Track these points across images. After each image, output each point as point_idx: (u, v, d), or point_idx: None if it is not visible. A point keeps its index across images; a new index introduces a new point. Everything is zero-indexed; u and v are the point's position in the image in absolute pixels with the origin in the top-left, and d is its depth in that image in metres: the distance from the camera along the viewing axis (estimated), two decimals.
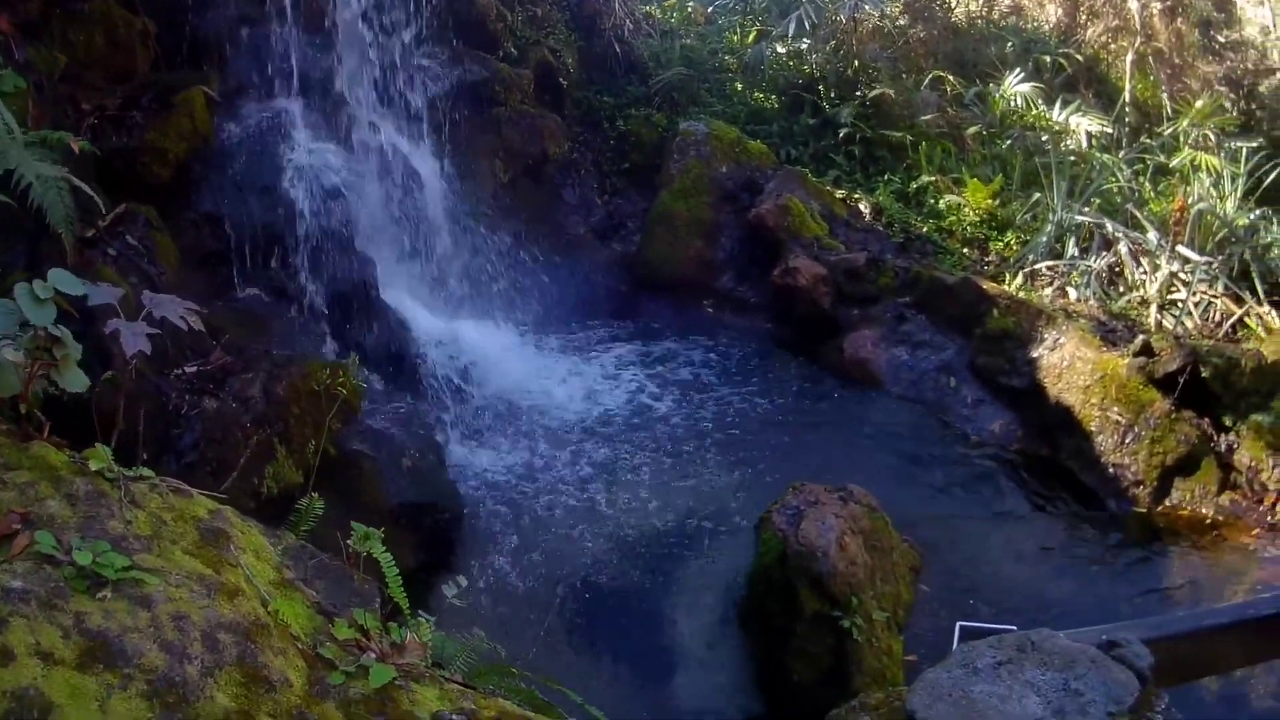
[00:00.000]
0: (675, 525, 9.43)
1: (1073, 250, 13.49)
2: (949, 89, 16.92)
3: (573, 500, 9.79)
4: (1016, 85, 16.47)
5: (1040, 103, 16.43)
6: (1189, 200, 13.47)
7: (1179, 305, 12.73)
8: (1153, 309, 12.64)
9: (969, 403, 11.61)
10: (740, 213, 13.99)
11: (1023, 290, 12.91)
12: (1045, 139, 15.69)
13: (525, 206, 14.04)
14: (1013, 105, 16.51)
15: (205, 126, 10.01)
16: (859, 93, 16.27)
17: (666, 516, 9.55)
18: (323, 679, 3.51)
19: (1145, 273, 13.10)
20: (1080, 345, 11.07)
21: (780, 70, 17.32)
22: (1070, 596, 9.02)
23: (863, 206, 14.73)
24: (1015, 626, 4.95)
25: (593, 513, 9.63)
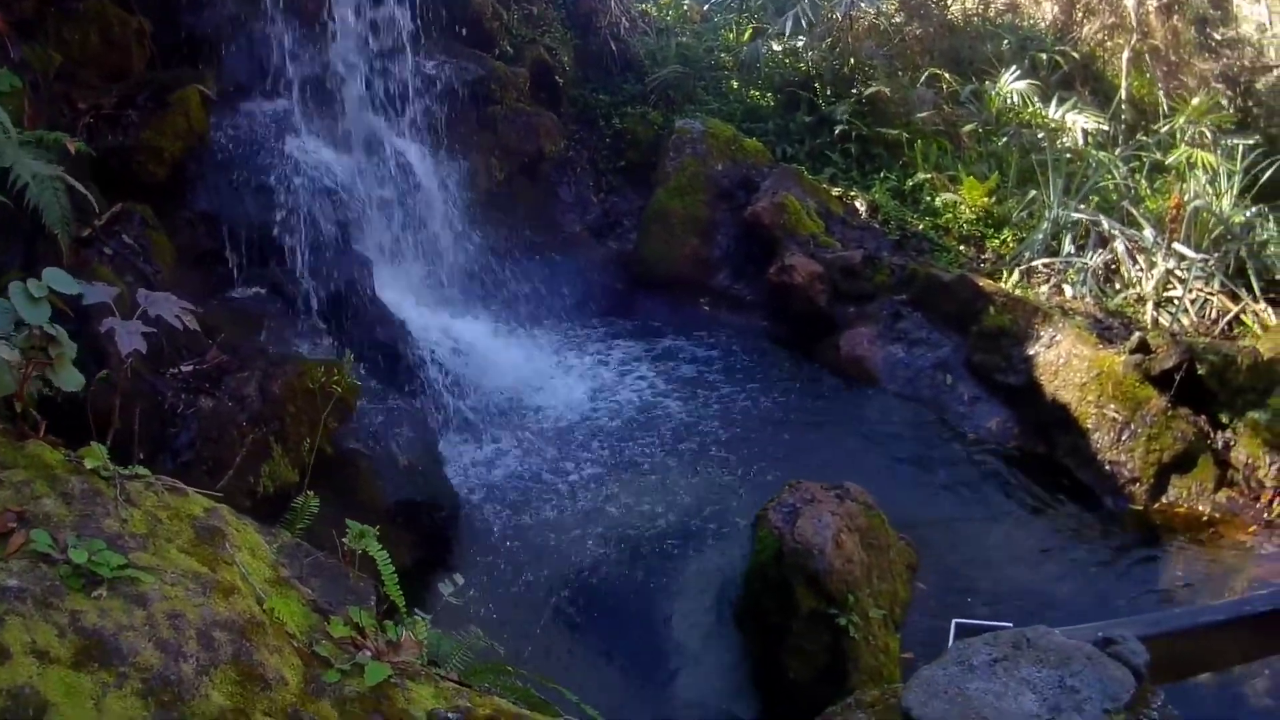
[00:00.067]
0: (672, 523, 9.41)
1: (1069, 247, 13.50)
2: (945, 86, 16.93)
3: (569, 498, 9.77)
4: (1012, 83, 16.49)
5: (1036, 100, 16.44)
6: (1185, 197, 13.48)
7: (1175, 302, 12.73)
8: (1149, 306, 12.65)
9: (965, 400, 11.60)
10: (736, 210, 13.99)
11: (1019, 287, 12.91)
12: (1041, 136, 15.70)
13: (521, 205, 14.03)
14: (1009, 103, 16.53)
15: (201, 125, 9.99)
16: (855, 90, 16.27)
17: (663, 514, 9.53)
18: (318, 677, 3.51)
19: (1141, 270, 13.11)
20: (1076, 342, 11.07)
21: (776, 68, 17.33)
22: (1067, 594, 9.01)
23: (859, 204, 14.73)
24: (1011, 624, 4.96)
25: (589, 510, 9.61)
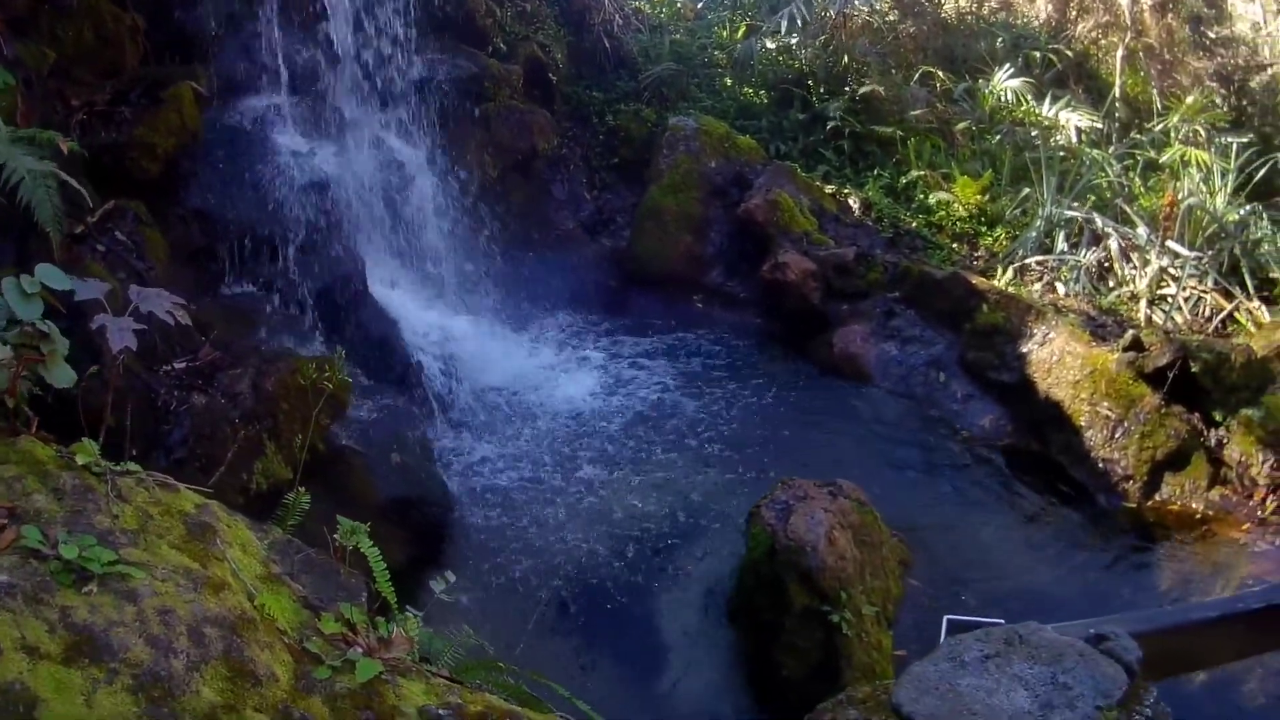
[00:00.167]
0: (665, 520, 9.43)
1: (1062, 245, 13.50)
2: (939, 84, 16.91)
3: (561, 494, 9.77)
4: (1006, 81, 16.47)
5: (1030, 98, 16.44)
6: (1179, 195, 13.48)
7: (1169, 300, 12.73)
8: (1142, 304, 12.65)
9: (958, 398, 11.61)
10: (729, 208, 13.98)
11: (1012, 285, 12.91)
12: (1035, 134, 15.69)
13: (514, 202, 14.03)
14: (1002, 101, 16.53)
15: (194, 122, 9.98)
16: (848, 88, 16.27)
17: (656, 511, 9.54)
18: (309, 673, 3.50)
19: (1135, 268, 13.11)
20: (1070, 340, 11.07)
21: (770, 65, 17.31)
22: (1060, 591, 9.01)
23: (852, 202, 14.73)
24: (1003, 620, 4.96)
25: (582, 507, 9.62)
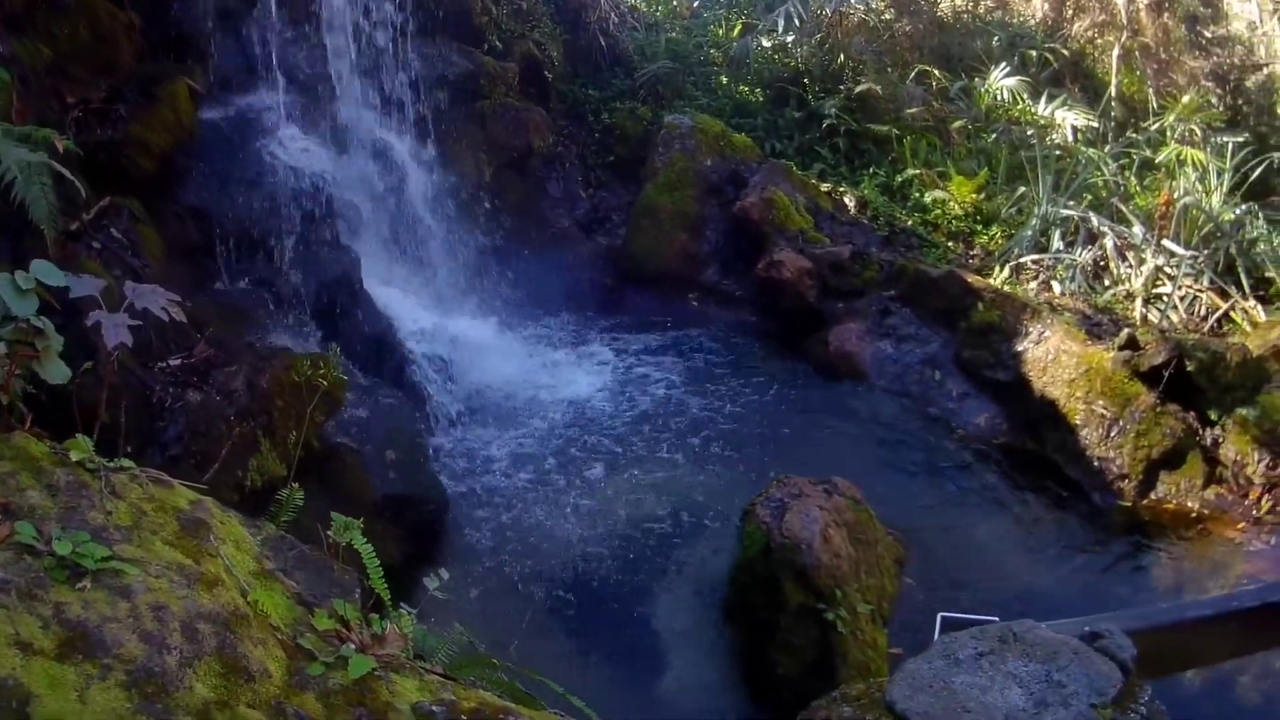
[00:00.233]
0: (660, 518, 9.42)
1: (1058, 244, 13.51)
2: (934, 83, 16.93)
3: (556, 492, 9.78)
4: (1002, 79, 16.52)
5: (1026, 97, 16.48)
6: (1175, 195, 13.49)
7: (1164, 299, 12.74)
8: (1138, 303, 12.66)
9: (954, 396, 11.61)
10: (725, 206, 14.00)
11: (1008, 284, 12.93)
12: (1031, 133, 15.72)
13: (510, 199, 14.03)
14: (998, 99, 16.57)
15: (189, 119, 9.99)
16: (844, 86, 16.28)
17: (650, 509, 9.54)
18: (302, 670, 3.50)
19: (1130, 267, 13.12)
20: (1065, 339, 11.08)
21: (765, 64, 17.34)
22: (1055, 590, 9.02)
23: (848, 200, 14.75)
24: (997, 618, 4.96)
25: (577, 504, 9.62)
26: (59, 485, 3.58)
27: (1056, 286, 13.03)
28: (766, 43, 17.34)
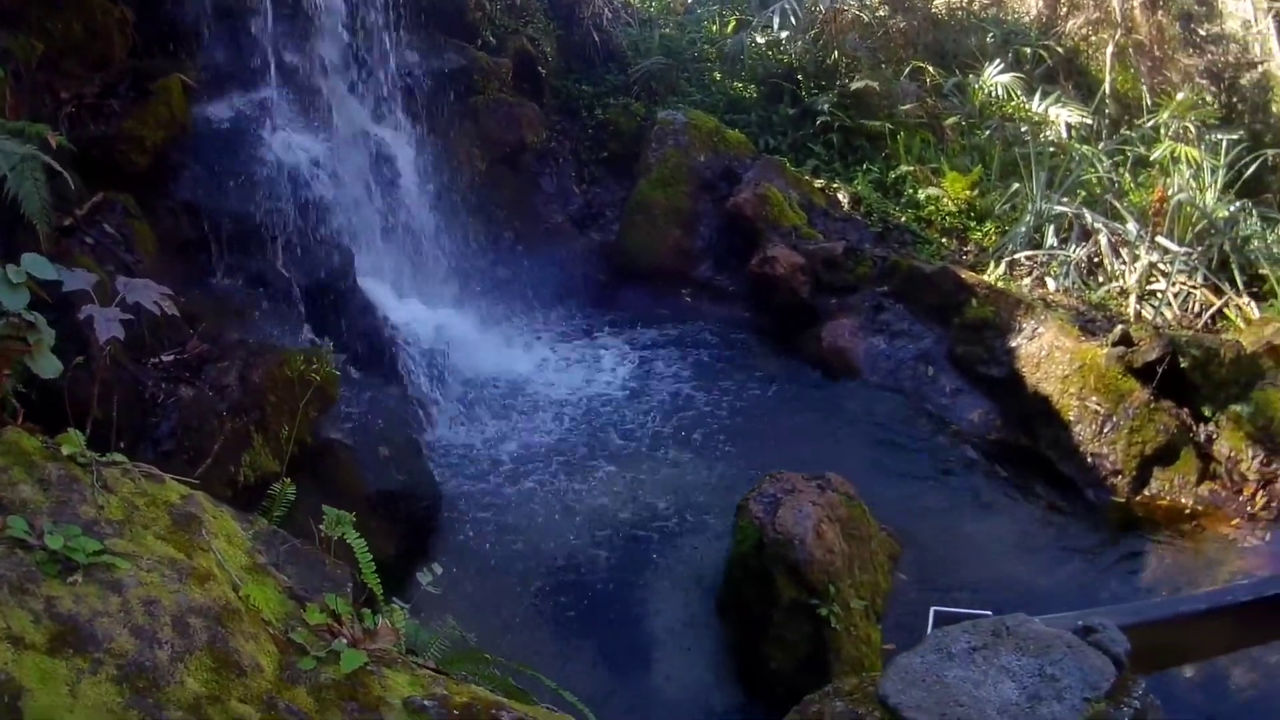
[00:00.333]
0: (653, 513, 9.43)
1: (1052, 240, 13.51)
2: (928, 79, 16.92)
3: (550, 488, 9.78)
4: (996, 76, 16.50)
5: (1020, 94, 16.48)
6: (1169, 191, 13.50)
7: (1158, 296, 12.76)
8: (1132, 299, 12.66)
9: (947, 392, 11.61)
10: (718, 202, 13.98)
11: (1001, 280, 12.92)
12: (1025, 130, 15.71)
13: (503, 195, 14.01)
14: (992, 96, 16.57)
15: (183, 114, 9.97)
16: (838, 83, 16.26)
17: (644, 504, 9.55)
18: (294, 664, 3.50)
19: (1124, 263, 13.13)
20: (1059, 335, 11.08)
21: (759, 60, 17.30)
22: (1049, 585, 9.03)
23: (841, 196, 14.74)
24: (990, 612, 4.95)
25: (570, 500, 9.62)
26: (51, 480, 3.57)
27: (1050, 283, 13.03)
28: (760, 39, 17.29)
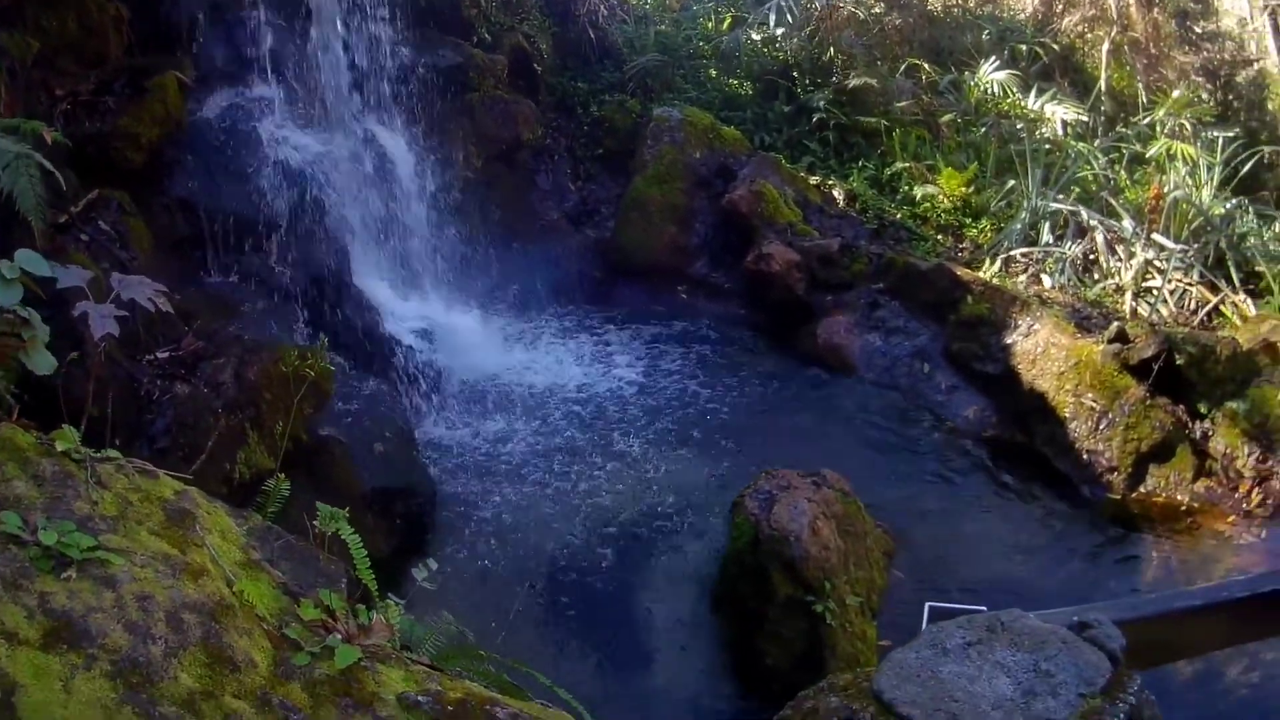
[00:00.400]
0: (649, 510, 9.42)
1: (1047, 237, 13.53)
2: (924, 76, 16.94)
3: (546, 484, 9.77)
4: (992, 73, 16.51)
5: (1016, 91, 16.48)
6: (1164, 189, 13.51)
7: (1154, 293, 12.77)
8: (1127, 296, 12.68)
9: (943, 389, 11.61)
10: (714, 199, 13.98)
11: (997, 277, 12.93)
12: (1020, 127, 15.72)
13: (499, 192, 14.01)
14: (988, 93, 16.57)
15: (178, 111, 9.96)
16: (834, 80, 16.27)
17: (640, 501, 9.54)
18: (288, 660, 3.49)
19: (1120, 260, 13.14)
20: (1055, 331, 11.08)
21: (755, 57, 17.31)
22: (1044, 582, 9.02)
23: (837, 193, 14.75)
24: (985, 607, 4.95)
25: (566, 497, 9.61)
26: (45, 475, 3.56)
27: (1046, 280, 13.04)
28: (756, 36, 17.30)
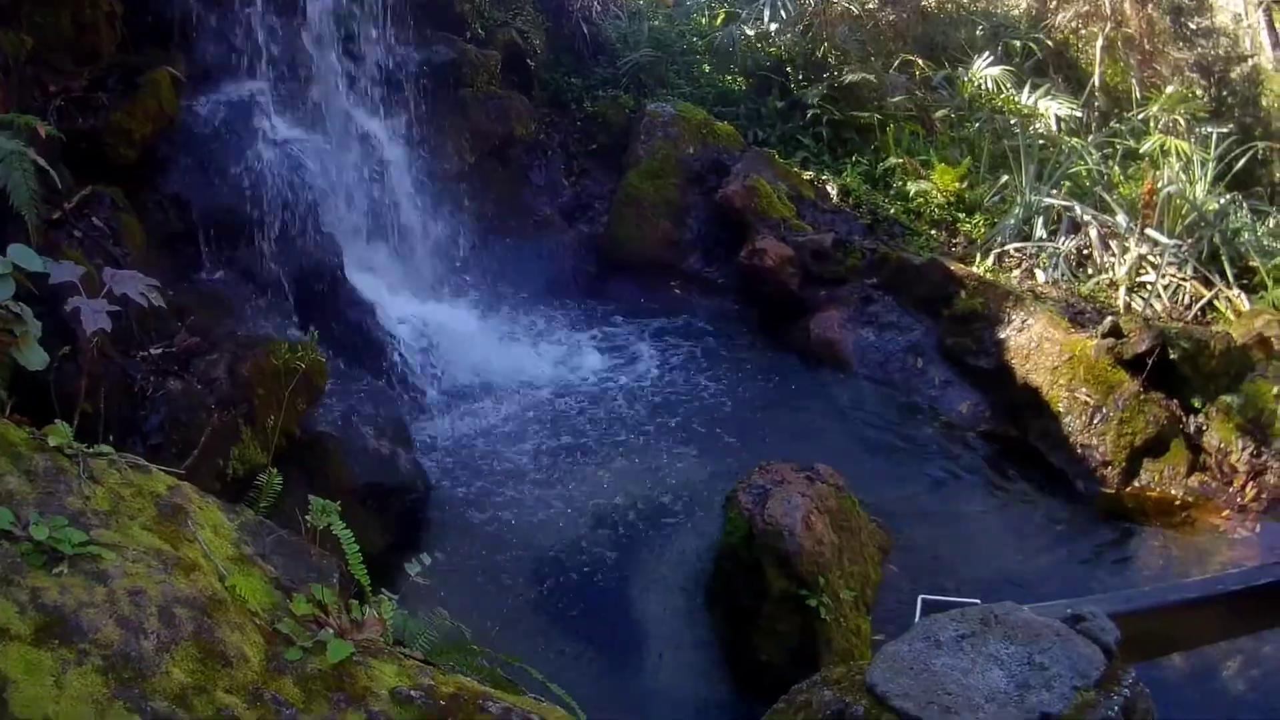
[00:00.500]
0: (643, 505, 9.42)
1: (1041, 233, 13.54)
2: (918, 72, 16.96)
3: (540, 480, 9.77)
4: (986, 69, 16.53)
5: (1009, 87, 16.50)
6: (1158, 184, 13.51)
7: (1148, 288, 12.78)
8: (1121, 291, 12.69)
9: (936, 384, 11.62)
10: (708, 194, 14.00)
11: (990, 272, 12.95)
12: (1014, 122, 15.74)
13: (492, 187, 14.01)
14: (982, 89, 16.59)
15: (172, 108, 9.94)
16: (827, 75, 16.27)
17: (634, 496, 9.54)
18: (280, 655, 3.48)
19: (1114, 255, 13.14)
20: (1048, 326, 11.09)
21: (748, 53, 17.32)
22: (1038, 576, 9.02)
23: (830, 188, 14.76)
24: (978, 600, 4.95)
25: (560, 492, 9.61)
26: (37, 471, 3.56)
27: (1040, 275, 13.05)
28: (750, 31, 17.30)
